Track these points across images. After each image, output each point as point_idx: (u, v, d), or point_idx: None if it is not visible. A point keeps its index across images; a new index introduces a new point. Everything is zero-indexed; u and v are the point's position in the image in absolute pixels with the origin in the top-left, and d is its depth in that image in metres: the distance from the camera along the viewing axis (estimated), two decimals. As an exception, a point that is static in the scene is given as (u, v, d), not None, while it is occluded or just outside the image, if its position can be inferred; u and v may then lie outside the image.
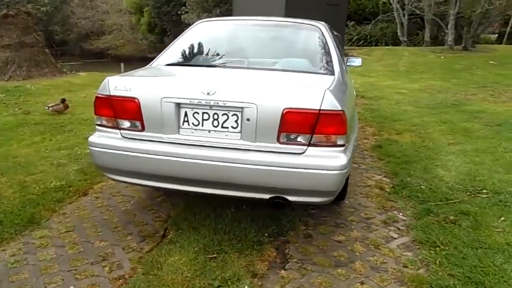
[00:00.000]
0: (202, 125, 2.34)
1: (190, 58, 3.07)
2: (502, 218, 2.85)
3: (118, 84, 2.40)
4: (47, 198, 3.10)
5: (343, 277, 2.25)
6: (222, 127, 2.31)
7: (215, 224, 2.73)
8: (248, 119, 2.24)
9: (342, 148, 2.26)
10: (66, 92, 7.90)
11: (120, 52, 27.03)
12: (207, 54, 3.11)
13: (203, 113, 2.32)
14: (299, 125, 2.21)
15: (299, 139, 2.25)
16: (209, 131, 2.33)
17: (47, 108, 5.96)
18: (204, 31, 3.37)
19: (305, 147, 2.25)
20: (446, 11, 22.03)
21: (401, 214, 3.03)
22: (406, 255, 2.48)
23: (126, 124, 2.45)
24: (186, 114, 2.34)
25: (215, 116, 2.31)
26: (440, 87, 9.42)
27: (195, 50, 3.14)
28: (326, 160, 2.22)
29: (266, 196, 2.35)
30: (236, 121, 2.28)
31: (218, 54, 3.05)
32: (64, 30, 28.27)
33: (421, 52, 17.20)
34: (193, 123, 2.34)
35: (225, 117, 2.30)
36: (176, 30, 27.34)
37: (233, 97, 2.25)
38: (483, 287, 2.13)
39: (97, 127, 2.55)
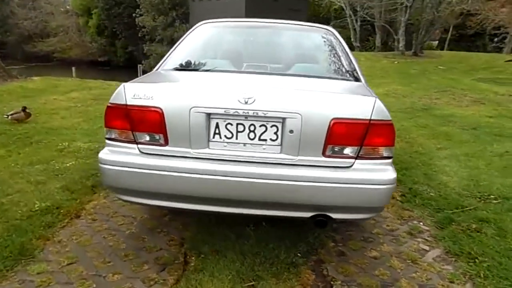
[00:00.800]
0: (236, 138, 2.08)
1: (204, 63, 2.78)
2: (524, 224, 2.85)
3: (137, 92, 2.09)
4: (34, 224, 2.67)
5: (396, 299, 2.10)
6: (260, 139, 2.07)
7: (239, 246, 2.47)
8: (291, 131, 2.02)
9: (389, 161, 2.12)
10: (21, 98, 7.17)
11: (68, 55, 25.58)
12: (223, 59, 2.85)
13: (238, 124, 2.07)
14: (348, 136, 2.03)
15: (346, 151, 2.07)
16: (244, 144, 2.08)
17: (6, 116, 5.32)
18: (210, 34, 3.11)
19: (352, 160, 2.07)
20: (395, 18, 23.05)
21: (421, 223, 2.95)
22: (447, 269, 2.38)
23: (145, 137, 2.13)
24: (217, 126, 2.08)
25: (252, 128, 2.06)
26: (403, 92, 9.70)
27: (208, 54, 2.87)
28: (375, 174, 2.06)
29: (308, 215, 2.15)
30: (275, 133, 2.06)
31: (234, 59, 2.78)
32: (2, 32, 26.20)
33: (375, 57, 17.81)
34: (225, 136, 2.08)
35: (263, 128, 2.06)
36: (128, 33, 26.35)
37: (275, 107, 2.02)
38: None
39: (108, 141, 2.21)
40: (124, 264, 2.31)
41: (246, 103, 2.01)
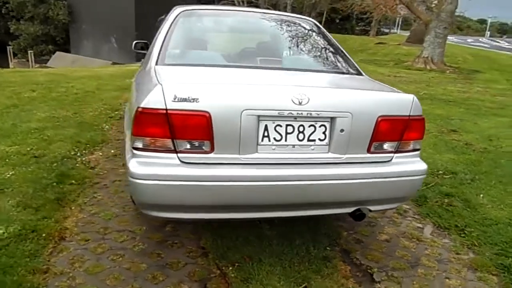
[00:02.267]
0: (286, 140, 2.00)
1: (214, 58, 2.54)
2: (481, 195, 3.35)
3: (179, 94, 1.82)
4: (16, 255, 2.18)
5: (429, 276, 2.30)
6: (309, 140, 2.02)
7: (267, 248, 2.41)
8: (342, 130, 2.02)
9: (419, 153, 2.27)
10: None
11: None
12: (228, 52, 2.64)
13: (287, 125, 1.98)
14: (391, 132, 2.12)
15: (386, 146, 2.15)
16: (294, 146, 2.01)
17: None
18: (200, 23, 2.86)
19: (392, 155, 2.17)
20: (278, 0, 24.04)
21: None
22: (447, 242, 2.69)
23: (186, 145, 1.90)
24: (266, 128, 1.96)
25: (301, 129, 2.00)
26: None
27: (210, 47, 2.63)
28: (411, 166, 2.20)
29: (350, 210, 2.20)
30: (324, 133, 2.03)
31: (244, 53, 2.61)
32: None
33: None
34: (274, 138, 1.98)
35: (312, 128, 2.01)
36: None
37: (328, 106, 1.99)
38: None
39: (138, 151, 1.90)
40: (158, 288, 2.06)
41: (300, 103, 1.93)
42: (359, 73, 2.69)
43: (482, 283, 2.27)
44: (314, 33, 3.02)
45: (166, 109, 1.82)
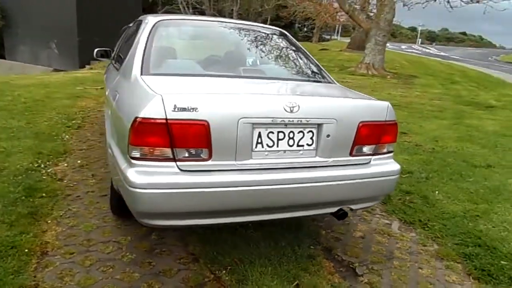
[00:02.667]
0: (277, 146, 2.12)
1: (198, 67, 2.59)
2: (437, 192, 3.68)
3: (179, 103, 1.87)
4: (1, 274, 2.08)
5: (404, 267, 2.52)
6: (298, 145, 2.16)
7: (256, 251, 2.50)
8: (328, 135, 2.18)
9: (392, 154, 2.49)
10: None
11: None
12: (211, 63, 2.70)
13: (279, 132, 2.10)
14: (370, 136, 2.31)
15: (366, 150, 2.34)
16: (284, 151, 2.14)
17: None
18: (178, 34, 2.90)
19: (370, 157, 2.37)
20: (224, 7, 24.32)
21: (368, 201, 3.50)
22: (414, 236, 2.95)
23: (185, 153, 1.95)
24: (259, 135, 2.06)
25: (291, 135, 2.13)
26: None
27: (192, 57, 2.68)
28: (387, 167, 2.41)
29: (334, 209, 2.35)
30: (311, 138, 2.18)
31: (225, 63, 2.69)
32: None
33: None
34: (267, 144, 2.09)
35: (301, 134, 2.15)
36: None
37: (315, 114, 2.13)
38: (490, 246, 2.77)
39: (136, 161, 1.92)
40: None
41: (291, 111, 2.06)
42: (332, 81, 2.88)
43: (450, 270, 2.54)
44: (287, 43, 3.19)
45: (166, 119, 1.86)
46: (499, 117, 7.74)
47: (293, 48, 3.16)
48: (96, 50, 4.29)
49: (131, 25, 3.77)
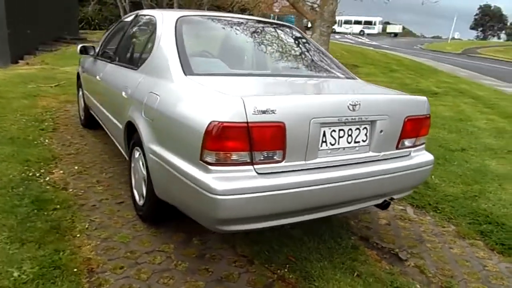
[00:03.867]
0: (338, 143, 2.17)
1: (236, 66, 2.52)
2: (433, 176, 3.96)
3: (259, 106, 1.83)
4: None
5: (437, 248, 2.71)
6: (355, 142, 2.23)
7: (302, 246, 2.54)
8: (381, 131, 2.26)
9: (424, 146, 2.65)
10: None
11: None
12: (245, 61, 2.67)
13: (340, 130, 2.15)
14: (413, 130, 2.44)
15: (406, 143, 2.47)
16: (344, 148, 2.19)
17: None
18: (205, 31, 2.79)
19: (411, 149, 2.50)
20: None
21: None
22: (429, 219, 3.16)
23: (261, 156, 1.92)
24: (324, 134, 2.10)
25: (349, 132, 2.19)
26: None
27: (228, 55, 2.60)
28: (424, 157, 2.57)
29: (380, 201, 2.46)
30: (365, 134, 2.26)
31: (255, 61, 2.67)
32: None
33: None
34: (330, 143, 2.13)
35: (357, 131, 2.22)
36: None
37: (373, 110, 2.21)
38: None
39: (212, 166, 1.85)
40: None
41: (353, 109, 2.11)
42: (354, 77, 2.98)
43: (475, 247, 2.78)
44: (305, 40, 3.22)
45: (247, 122, 1.82)
46: (447, 103, 8.43)
47: (312, 45, 3.20)
48: (80, 45, 4.01)
49: (128, 19, 3.55)
